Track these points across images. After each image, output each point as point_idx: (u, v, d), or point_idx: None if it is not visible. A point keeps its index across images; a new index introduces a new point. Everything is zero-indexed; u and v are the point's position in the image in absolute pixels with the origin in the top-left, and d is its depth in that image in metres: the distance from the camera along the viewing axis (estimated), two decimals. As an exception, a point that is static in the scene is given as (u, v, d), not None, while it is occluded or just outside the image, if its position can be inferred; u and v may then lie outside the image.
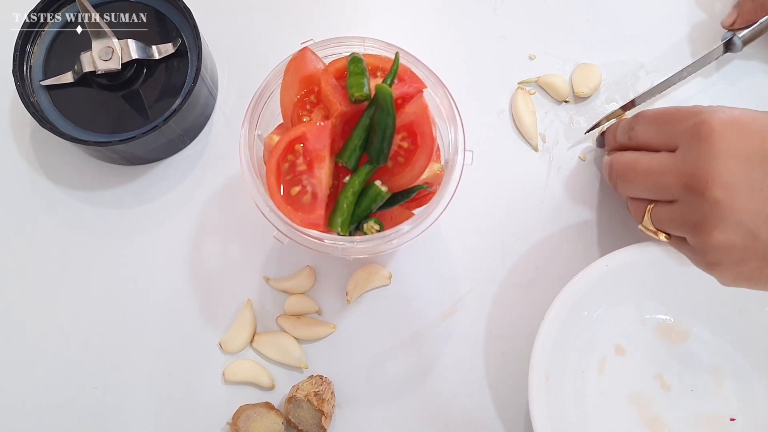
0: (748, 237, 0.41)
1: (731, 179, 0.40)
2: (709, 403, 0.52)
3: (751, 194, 0.40)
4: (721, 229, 0.41)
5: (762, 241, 0.41)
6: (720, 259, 0.43)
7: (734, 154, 0.41)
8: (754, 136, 0.41)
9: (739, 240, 0.41)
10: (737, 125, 0.41)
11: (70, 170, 0.57)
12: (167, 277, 0.55)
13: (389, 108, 0.41)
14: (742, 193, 0.40)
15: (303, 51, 0.44)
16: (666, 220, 0.45)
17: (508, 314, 0.55)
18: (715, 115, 0.42)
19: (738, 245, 0.41)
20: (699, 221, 0.42)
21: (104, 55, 0.52)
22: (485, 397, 0.54)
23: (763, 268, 0.42)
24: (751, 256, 0.42)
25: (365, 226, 0.44)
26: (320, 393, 0.50)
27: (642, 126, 0.48)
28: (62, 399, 0.53)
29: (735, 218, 0.41)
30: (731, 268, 0.43)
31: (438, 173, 0.46)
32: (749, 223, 0.41)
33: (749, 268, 0.42)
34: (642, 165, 0.46)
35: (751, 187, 0.40)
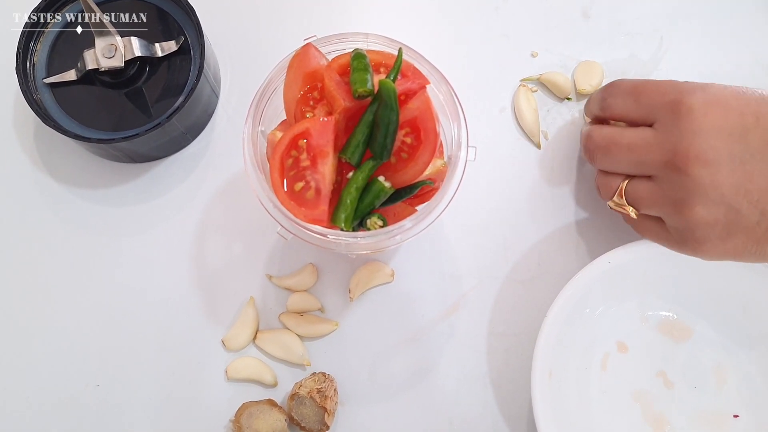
0: (730, 212, 0.42)
1: (713, 155, 0.41)
2: (712, 400, 0.52)
3: (732, 169, 0.41)
4: (704, 205, 0.42)
5: (744, 216, 0.42)
6: (705, 235, 0.43)
7: (716, 131, 0.42)
8: (733, 112, 0.42)
9: (721, 215, 0.42)
10: (717, 102, 0.42)
11: (73, 168, 0.57)
12: (170, 274, 0.55)
13: (392, 104, 0.41)
14: (723, 168, 0.41)
15: (306, 47, 0.44)
16: (644, 196, 0.46)
17: (511, 311, 0.55)
18: (696, 93, 0.43)
19: (721, 220, 0.42)
20: (681, 198, 0.43)
21: (107, 53, 0.52)
22: (488, 394, 0.54)
23: (749, 243, 0.43)
24: (736, 231, 0.42)
25: (368, 222, 0.44)
26: (323, 390, 0.50)
27: (618, 98, 0.48)
28: (64, 397, 0.53)
29: (717, 193, 0.42)
30: (716, 244, 0.43)
31: (441, 169, 0.46)
32: (731, 198, 0.41)
33: (734, 243, 0.43)
34: (624, 139, 0.46)
35: (732, 162, 0.41)
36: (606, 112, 0.49)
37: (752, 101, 0.42)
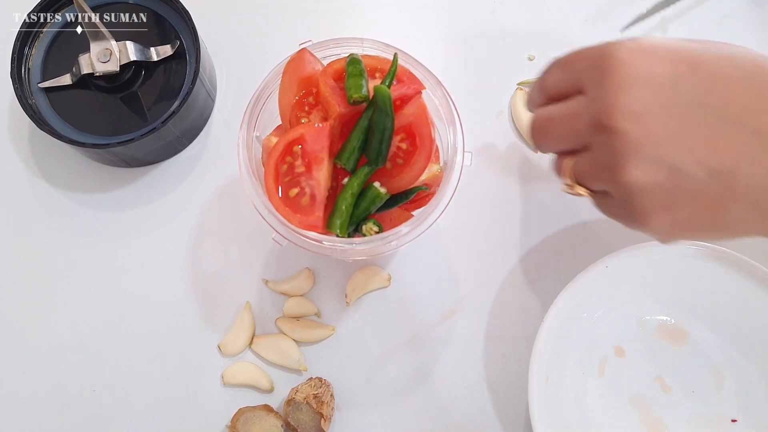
0: (671, 173, 0.36)
1: (640, 107, 0.36)
2: (710, 405, 0.52)
3: (664, 122, 0.36)
4: (637, 164, 0.36)
5: (689, 176, 0.36)
6: (646, 204, 0.37)
7: (642, 82, 0.36)
8: (662, 60, 0.36)
9: (662, 177, 0.36)
10: (644, 52, 0.37)
11: (69, 173, 0.57)
12: (166, 279, 0.55)
13: (388, 109, 0.41)
14: (654, 121, 0.36)
15: (301, 52, 0.44)
16: (586, 170, 0.40)
17: (508, 316, 0.55)
18: (621, 44, 0.37)
19: (662, 183, 0.36)
20: (611, 161, 0.37)
21: (102, 57, 0.52)
22: (485, 399, 0.53)
23: (700, 211, 0.37)
24: (682, 197, 0.36)
25: (364, 227, 0.43)
26: (319, 395, 0.50)
27: (550, 73, 0.42)
28: (61, 402, 0.53)
29: (652, 151, 0.36)
30: (663, 215, 0.37)
31: (437, 174, 0.46)
32: (668, 155, 0.36)
33: (684, 213, 0.37)
34: (555, 113, 0.41)
35: (664, 114, 0.36)
36: (544, 93, 0.43)
37: (687, 50, 0.37)
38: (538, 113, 0.43)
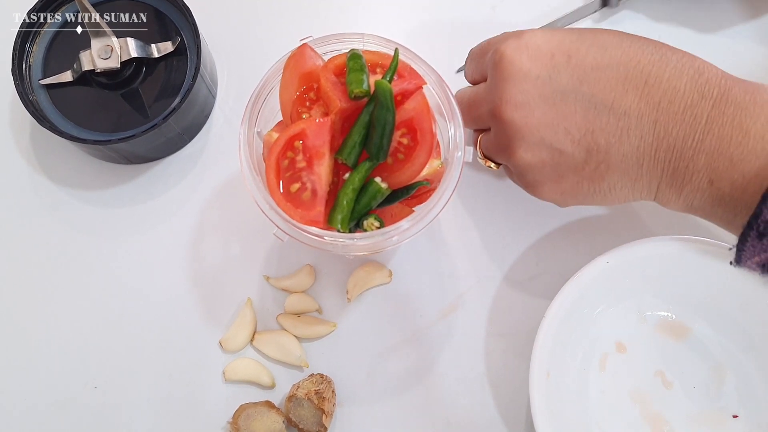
0: (554, 153, 0.43)
1: (523, 98, 0.42)
2: (711, 400, 0.52)
3: (544, 111, 0.42)
4: (525, 149, 0.43)
5: (569, 154, 0.42)
6: (536, 178, 0.44)
7: (524, 75, 0.42)
8: (544, 55, 0.42)
9: (546, 156, 0.43)
10: (528, 47, 0.42)
11: (70, 169, 0.57)
12: (167, 275, 0.55)
13: (389, 104, 0.41)
14: (535, 110, 0.42)
15: (302, 48, 0.44)
16: (488, 148, 0.47)
17: (509, 312, 0.55)
18: (508, 42, 0.43)
19: (548, 161, 0.43)
20: (505, 144, 0.44)
21: (103, 54, 0.52)
22: (486, 394, 0.53)
23: (581, 182, 0.44)
24: (566, 171, 0.43)
25: (365, 223, 0.44)
26: (321, 391, 0.50)
27: (469, 64, 0.50)
28: (62, 398, 0.53)
29: (535, 136, 0.42)
30: (552, 186, 0.45)
31: (438, 170, 0.46)
32: (550, 138, 0.42)
33: (569, 183, 0.44)
34: (465, 98, 0.48)
35: (544, 104, 0.42)
36: (467, 79, 0.51)
37: (566, 41, 0.42)
38: (456, 94, 0.49)
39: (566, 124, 0.42)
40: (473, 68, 0.49)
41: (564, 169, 0.43)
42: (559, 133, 0.42)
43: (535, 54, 0.42)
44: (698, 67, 0.41)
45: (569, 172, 0.43)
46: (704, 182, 0.40)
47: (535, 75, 0.42)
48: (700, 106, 0.39)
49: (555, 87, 0.42)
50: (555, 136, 0.42)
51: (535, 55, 0.42)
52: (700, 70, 0.40)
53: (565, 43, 0.42)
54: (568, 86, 0.41)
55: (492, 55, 0.44)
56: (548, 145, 0.42)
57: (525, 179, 0.45)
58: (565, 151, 0.42)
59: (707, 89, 0.40)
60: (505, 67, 0.43)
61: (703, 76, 0.40)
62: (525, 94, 0.42)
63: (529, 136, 0.42)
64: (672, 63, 0.41)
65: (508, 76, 0.42)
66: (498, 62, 0.43)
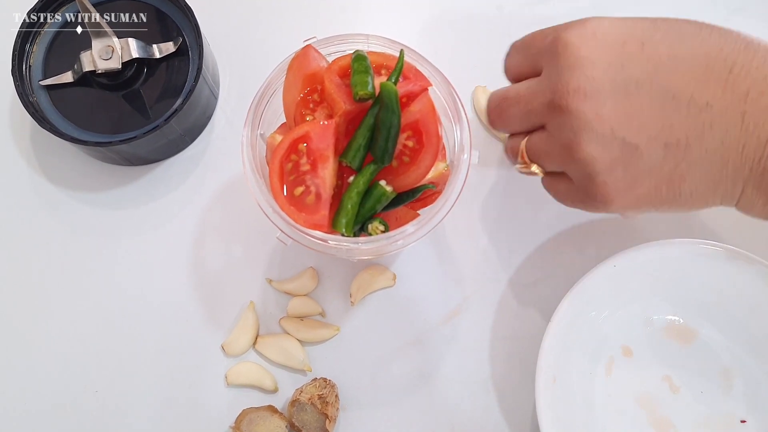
0: (627, 149, 0.38)
1: (592, 87, 0.37)
2: (719, 405, 0.51)
3: (616, 100, 0.37)
4: (590, 140, 0.38)
5: (645, 153, 0.37)
6: (606, 180, 0.38)
7: (593, 62, 0.38)
8: (614, 42, 0.38)
9: (618, 153, 0.38)
10: (595, 34, 0.38)
11: (71, 171, 0.57)
12: (169, 279, 0.55)
13: (394, 106, 0.40)
14: (606, 100, 0.37)
15: (306, 49, 0.44)
16: (541, 150, 0.42)
17: (514, 315, 0.54)
18: (572, 29, 0.39)
19: (620, 160, 0.38)
20: (570, 140, 0.38)
21: (104, 55, 0.52)
22: (491, 399, 0.53)
23: (660, 185, 0.38)
24: (640, 172, 0.38)
25: (370, 226, 0.43)
26: (324, 396, 0.50)
27: (512, 56, 0.45)
28: (63, 402, 0.53)
29: (604, 128, 0.37)
30: (625, 193, 0.39)
31: (443, 173, 0.45)
32: (620, 131, 0.37)
33: (645, 188, 0.39)
34: (512, 93, 0.43)
35: (615, 93, 0.37)
36: (507, 75, 0.46)
37: (638, 29, 0.38)
38: (494, 93, 0.45)
39: (641, 117, 0.37)
40: (519, 61, 0.44)
41: (639, 171, 0.38)
42: (631, 126, 0.37)
43: (603, 41, 0.38)
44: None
45: (645, 174, 0.38)
46: None
47: (606, 62, 0.37)
48: None
49: (628, 76, 0.37)
50: (626, 129, 0.37)
51: (604, 42, 0.38)
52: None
53: (637, 30, 0.38)
54: (642, 76, 0.37)
55: (552, 42, 0.39)
56: (621, 139, 0.37)
57: (593, 183, 0.39)
58: (640, 147, 0.37)
59: None
60: (570, 54, 0.38)
61: None
62: (594, 83, 0.37)
63: (596, 129, 0.37)
64: (761, 51, 0.36)
65: (574, 64, 0.38)
66: (561, 50, 0.38)
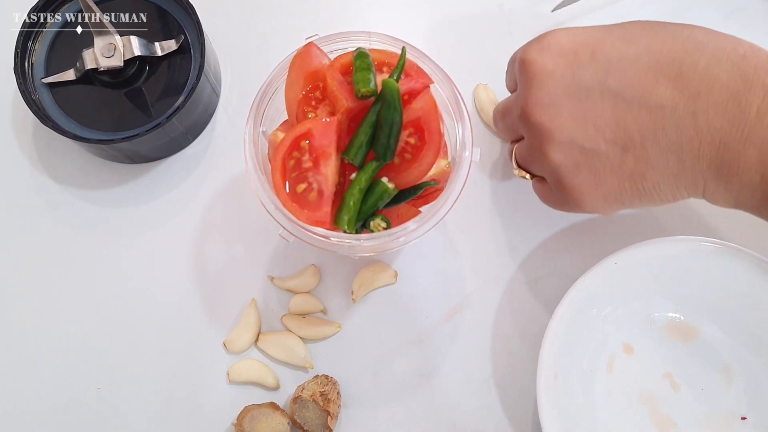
0: (588, 153, 0.40)
1: (548, 98, 0.41)
2: (720, 402, 0.52)
3: (571, 109, 0.40)
4: (556, 149, 0.41)
5: (603, 153, 0.40)
6: (573, 183, 0.42)
7: (549, 75, 0.41)
8: (567, 52, 0.41)
9: (580, 157, 0.41)
10: (550, 47, 0.41)
11: (73, 169, 0.57)
12: (171, 276, 0.55)
13: (396, 103, 0.41)
14: (562, 109, 0.40)
15: (308, 46, 0.44)
16: (523, 156, 0.46)
17: (516, 313, 0.54)
18: (531, 46, 0.42)
19: (582, 163, 0.41)
20: (538, 147, 0.42)
21: (106, 52, 0.52)
22: (493, 396, 0.53)
23: (622, 183, 0.41)
24: (603, 173, 0.41)
25: (372, 223, 0.43)
26: (326, 393, 0.50)
27: (508, 71, 0.49)
28: (65, 400, 0.53)
29: (565, 135, 0.40)
30: (592, 193, 0.42)
31: (445, 170, 0.45)
32: (581, 137, 0.40)
33: (609, 186, 0.41)
34: (500, 106, 0.48)
35: (570, 101, 0.40)
36: (508, 89, 0.50)
37: (592, 36, 0.41)
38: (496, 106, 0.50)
39: (596, 121, 0.40)
40: (509, 77, 0.48)
41: (601, 171, 0.41)
42: (589, 130, 0.40)
43: (558, 53, 0.41)
44: (743, 52, 0.37)
45: (607, 174, 0.41)
46: (756, 178, 0.37)
47: (559, 74, 0.40)
48: (748, 95, 0.36)
49: (580, 84, 0.40)
50: (585, 134, 0.40)
51: (558, 53, 0.41)
52: (746, 55, 0.37)
53: (590, 39, 0.41)
54: (593, 81, 0.40)
55: (518, 60, 0.43)
56: (580, 145, 0.40)
57: (562, 186, 0.43)
58: (598, 150, 0.40)
59: (756, 77, 0.36)
60: (529, 69, 0.42)
61: (749, 62, 0.37)
62: (550, 95, 0.41)
63: (559, 136, 0.41)
64: (710, 49, 0.38)
65: (532, 78, 0.41)
66: (522, 66, 0.42)
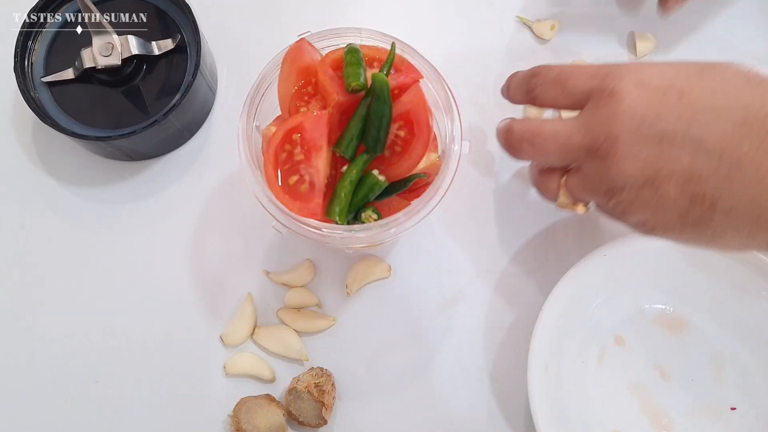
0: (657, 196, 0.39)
1: (629, 136, 0.39)
2: (710, 393, 0.52)
3: (651, 150, 0.39)
4: (624, 186, 0.40)
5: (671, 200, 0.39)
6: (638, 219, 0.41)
7: (633, 113, 0.39)
8: (655, 91, 0.39)
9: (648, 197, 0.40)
10: (640, 85, 0.39)
11: (72, 166, 0.58)
12: (168, 271, 0.56)
13: (385, 97, 0.41)
14: (642, 150, 0.39)
15: (300, 42, 0.45)
16: (580, 188, 0.43)
17: (508, 305, 0.55)
18: (619, 77, 0.40)
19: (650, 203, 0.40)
20: (605, 184, 0.41)
21: (104, 51, 0.53)
22: (485, 388, 0.54)
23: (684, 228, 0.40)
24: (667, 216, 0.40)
25: (363, 215, 0.44)
26: (321, 385, 0.51)
27: (546, 87, 0.45)
28: (63, 393, 0.53)
29: (639, 176, 0.39)
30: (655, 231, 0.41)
31: (435, 163, 0.46)
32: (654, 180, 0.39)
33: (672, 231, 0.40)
34: (547, 130, 0.43)
35: (650, 143, 0.39)
36: (535, 102, 0.46)
37: (682, 76, 0.39)
38: (519, 124, 0.45)
39: (671, 166, 0.38)
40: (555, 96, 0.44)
41: (665, 210, 0.39)
42: (663, 173, 0.38)
43: (645, 90, 0.39)
44: None
45: (671, 214, 0.39)
46: None
47: (642, 113, 0.39)
48: None
49: (663, 127, 0.38)
50: (659, 176, 0.38)
51: (645, 91, 0.39)
52: None
53: (680, 78, 0.39)
54: (676, 127, 0.38)
55: (597, 89, 0.41)
56: (652, 184, 0.39)
57: (626, 221, 0.42)
58: (667, 195, 0.39)
59: None
60: (613, 103, 0.40)
61: None
62: (631, 133, 0.39)
63: (633, 177, 0.39)
64: None
65: (615, 113, 0.39)
66: (606, 98, 0.40)
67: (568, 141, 0.42)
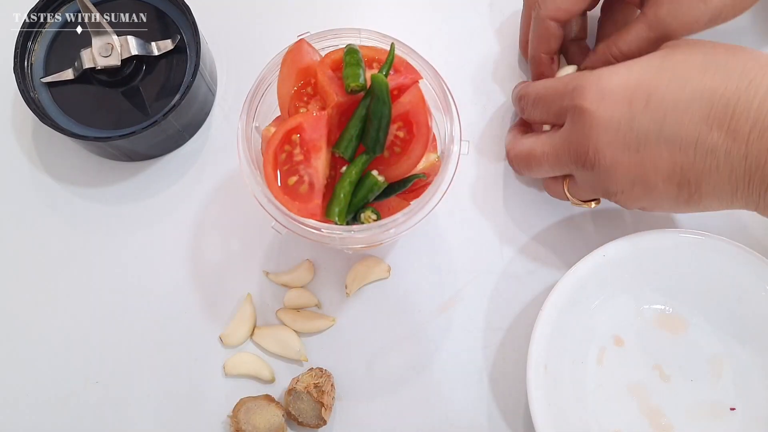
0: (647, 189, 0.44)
1: (608, 147, 0.43)
2: (709, 393, 0.52)
3: (631, 154, 0.43)
4: (614, 188, 0.45)
5: (661, 190, 0.43)
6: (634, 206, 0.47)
7: (606, 125, 0.43)
8: (622, 100, 0.43)
9: (641, 192, 0.44)
10: (606, 97, 0.43)
11: (71, 167, 0.58)
12: (168, 272, 0.56)
13: (385, 97, 0.41)
14: (623, 156, 0.43)
15: (299, 43, 0.45)
16: (581, 192, 0.49)
17: (507, 306, 0.55)
18: (586, 93, 0.44)
19: (643, 195, 0.45)
20: (598, 188, 0.46)
21: (104, 52, 0.53)
22: (485, 388, 0.54)
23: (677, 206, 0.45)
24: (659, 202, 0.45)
25: (362, 215, 0.44)
26: (320, 385, 0.51)
27: (532, 108, 0.51)
28: (64, 394, 0.54)
29: (625, 179, 0.44)
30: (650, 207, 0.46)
31: (435, 163, 0.46)
32: (641, 178, 0.43)
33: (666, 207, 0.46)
34: (537, 151, 0.49)
35: (628, 149, 0.43)
36: (529, 121, 0.53)
37: (645, 79, 0.43)
38: (516, 147, 0.52)
39: (653, 165, 0.42)
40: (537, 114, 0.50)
41: (658, 199, 0.45)
42: (648, 173, 0.43)
43: (613, 101, 0.43)
44: None
45: (664, 201, 0.45)
46: None
47: (616, 123, 0.43)
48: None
49: (637, 133, 0.42)
50: (645, 175, 0.43)
51: (613, 102, 0.43)
52: None
53: (643, 81, 0.42)
54: (650, 130, 0.42)
55: (571, 107, 0.45)
56: (640, 184, 0.44)
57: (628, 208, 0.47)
58: (657, 188, 0.43)
59: None
60: (586, 119, 0.44)
61: None
62: (609, 143, 0.43)
63: (620, 180, 0.44)
64: (763, 88, 0.39)
65: (590, 127, 0.44)
66: (579, 115, 0.44)
67: (557, 160, 0.48)
